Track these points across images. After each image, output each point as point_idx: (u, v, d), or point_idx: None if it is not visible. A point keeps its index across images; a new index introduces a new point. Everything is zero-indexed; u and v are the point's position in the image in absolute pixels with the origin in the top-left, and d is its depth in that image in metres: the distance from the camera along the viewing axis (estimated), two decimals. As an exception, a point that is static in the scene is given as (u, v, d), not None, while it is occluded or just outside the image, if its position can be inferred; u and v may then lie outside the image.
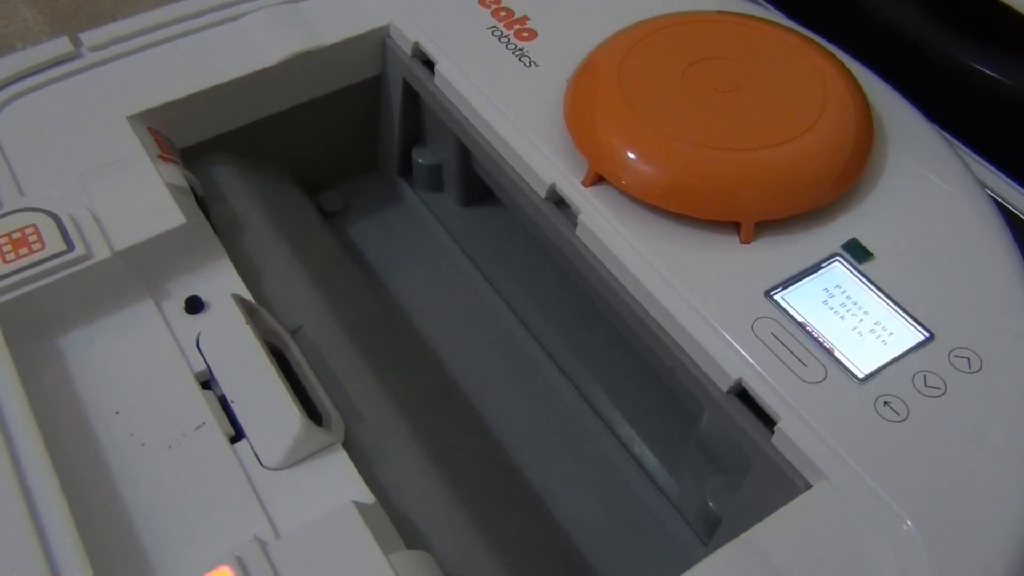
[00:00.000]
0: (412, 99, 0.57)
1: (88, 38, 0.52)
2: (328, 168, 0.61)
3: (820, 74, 0.46)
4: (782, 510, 0.34)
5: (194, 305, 0.43)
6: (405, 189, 0.63)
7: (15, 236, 0.42)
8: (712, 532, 0.44)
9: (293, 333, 0.44)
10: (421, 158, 0.60)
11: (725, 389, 0.38)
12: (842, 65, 0.47)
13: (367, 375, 0.43)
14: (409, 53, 0.54)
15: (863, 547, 0.33)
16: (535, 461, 0.49)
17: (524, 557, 0.40)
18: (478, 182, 0.59)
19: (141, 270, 0.43)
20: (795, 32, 0.49)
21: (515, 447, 0.49)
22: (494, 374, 0.53)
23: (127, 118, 0.48)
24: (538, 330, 0.55)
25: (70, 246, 0.42)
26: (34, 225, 0.42)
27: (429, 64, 0.52)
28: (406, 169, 0.62)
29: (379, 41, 0.55)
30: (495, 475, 0.46)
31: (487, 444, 0.49)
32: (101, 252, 0.42)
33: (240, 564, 0.32)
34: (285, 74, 0.53)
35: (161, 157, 0.47)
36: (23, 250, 0.41)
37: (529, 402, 0.52)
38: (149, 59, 0.52)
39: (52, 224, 0.42)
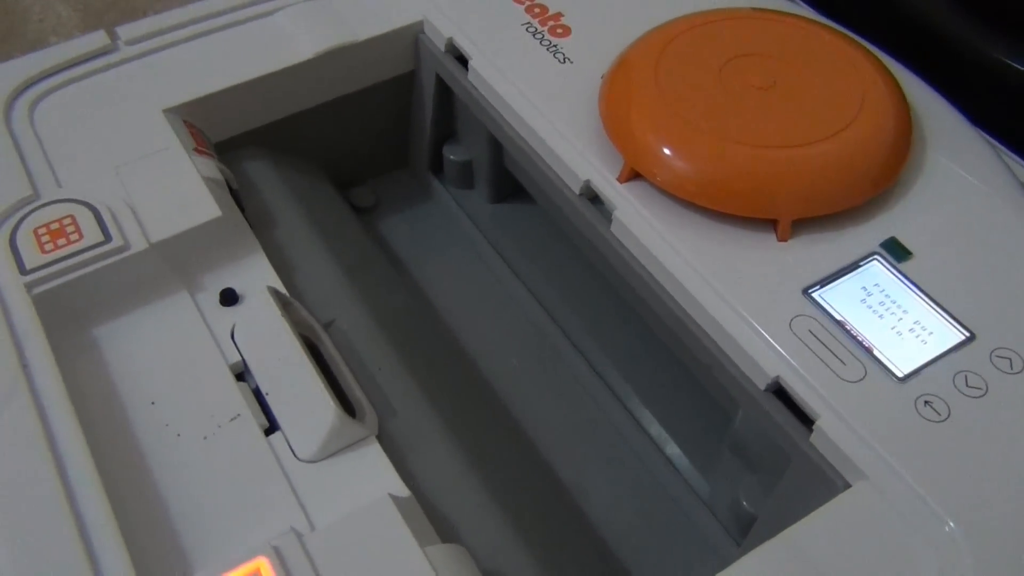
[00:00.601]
0: (445, 95, 0.57)
1: (125, 32, 0.53)
2: (359, 164, 0.61)
3: (858, 71, 0.45)
4: (822, 509, 0.34)
5: (229, 297, 0.43)
6: (436, 186, 0.63)
7: (53, 227, 0.42)
8: (745, 531, 0.43)
9: (326, 327, 0.44)
10: (452, 154, 0.60)
11: (763, 387, 0.38)
12: (879, 62, 0.47)
13: (400, 369, 0.43)
14: (443, 49, 0.54)
15: (904, 548, 0.33)
16: (566, 457, 0.49)
17: (556, 552, 0.40)
18: (509, 179, 0.58)
19: (177, 262, 0.43)
20: (832, 29, 0.49)
21: (545, 443, 0.49)
22: (524, 370, 0.53)
23: (163, 111, 0.49)
24: (569, 327, 0.55)
25: (107, 237, 0.42)
26: (72, 216, 0.43)
27: (463, 60, 0.52)
28: (437, 166, 0.62)
29: (412, 37, 0.55)
30: (526, 470, 0.46)
31: (518, 440, 0.49)
32: (138, 243, 0.42)
33: (277, 555, 0.32)
34: (318, 69, 0.53)
35: (196, 150, 0.47)
36: (61, 240, 0.42)
37: (559, 398, 0.51)
38: (185, 53, 0.52)
39: (90, 215, 0.43)
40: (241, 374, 0.40)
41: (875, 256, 0.41)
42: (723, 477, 0.46)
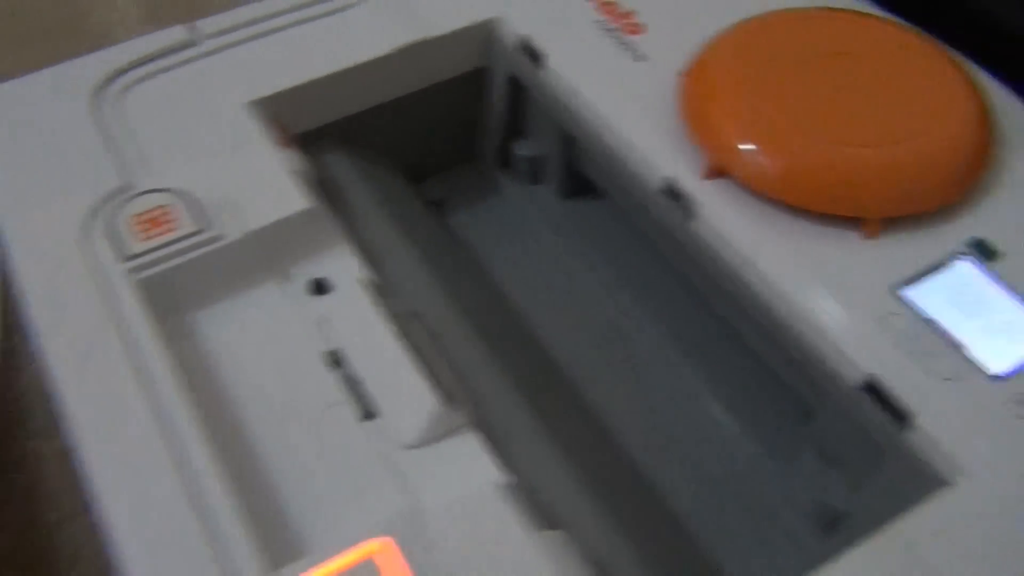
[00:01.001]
0: (516, 92, 0.58)
1: (205, 25, 0.53)
2: (428, 158, 0.62)
3: (939, 70, 0.46)
4: (925, 505, 0.34)
5: (320, 287, 0.43)
6: (503, 181, 0.63)
7: (150, 215, 0.43)
8: (827, 527, 0.44)
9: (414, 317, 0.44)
10: (521, 151, 0.61)
11: (855, 385, 0.38)
12: (958, 62, 0.47)
13: (487, 359, 0.44)
14: (516, 46, 0.54)
15: (1012, 543, 0.33)
16: (646, 452, 0.49)
17: (648, 542, 0.40)
18: (578, 176, 0.59)
19: (268, 252, 0.44)
20: (910, 28, 0.49)
21: (624, 438, 0.49)
22: (600, 365, 0.53)
23: (247, 104, 0.49)
24: (644, 324, 0.55)
25: (202, 226, 0.43)
26: (167, 206, 0.43)
27: (535, 57, 0.53)
28: (504, 161, 0.63)
29: (486, 34, 0.56)
30: (611, 463, 0.47)
31: (599, 433, 0.49)
32: (232, 233, 0.43)
33: (397, 535, 0.33)
34: (395, 64, 0.54)
35: (281, 143, 0.48)
36: (158, 229, 0.42)
37: (637, 395, 0.52)
38: (266, 47, 0.53)
39: (183, 205, 0.43)
40: (337, 362, 0.41)
41: (963, 256, 0.41)
42: (805, 473, 0.46)
